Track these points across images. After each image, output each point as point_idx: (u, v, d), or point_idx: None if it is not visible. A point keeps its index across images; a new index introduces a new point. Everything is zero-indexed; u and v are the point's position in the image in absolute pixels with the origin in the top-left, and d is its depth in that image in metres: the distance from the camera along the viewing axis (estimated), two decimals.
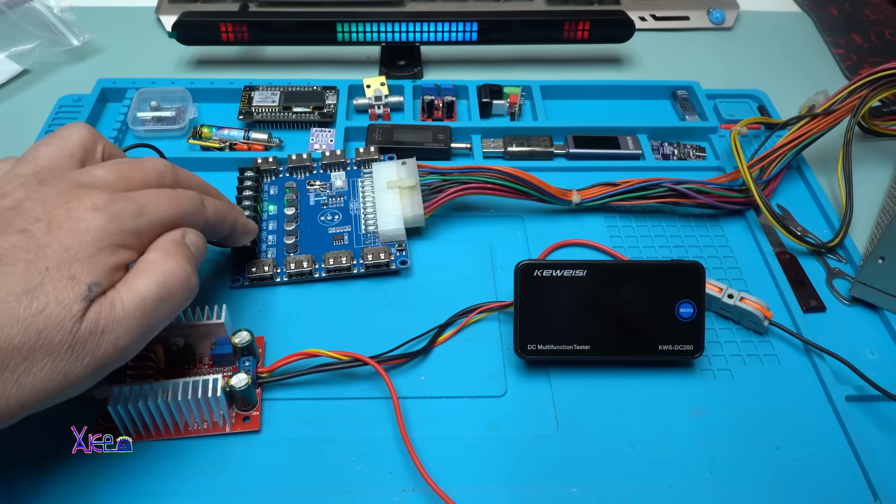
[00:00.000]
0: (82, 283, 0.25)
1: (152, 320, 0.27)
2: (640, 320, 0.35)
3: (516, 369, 0.36)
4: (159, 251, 0.28)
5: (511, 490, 0.31)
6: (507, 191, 0.41)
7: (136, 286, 0.27)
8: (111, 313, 0.26)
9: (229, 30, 0.51)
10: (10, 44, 0.54)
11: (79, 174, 0.28)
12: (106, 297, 0.26)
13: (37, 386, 0.24)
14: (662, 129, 0.49)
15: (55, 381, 0.25)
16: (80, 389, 0.26)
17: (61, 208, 0.26)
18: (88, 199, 0.27)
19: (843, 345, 0.37)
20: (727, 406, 0.35)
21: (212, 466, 0.31)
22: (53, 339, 0.24)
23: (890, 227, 0.37)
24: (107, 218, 0.26)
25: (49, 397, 0.25)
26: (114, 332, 0.26)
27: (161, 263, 0.28)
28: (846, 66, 0.58)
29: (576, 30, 0.53)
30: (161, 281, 0.27)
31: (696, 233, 0.43)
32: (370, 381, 0.35)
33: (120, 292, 0.26)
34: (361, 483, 0.31)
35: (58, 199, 0.26)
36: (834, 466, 0.33)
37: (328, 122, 0.49)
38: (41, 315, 0.24)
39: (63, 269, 0.25)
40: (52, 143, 0.30)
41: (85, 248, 0.26)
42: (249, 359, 0.33)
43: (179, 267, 0.28)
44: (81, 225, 0.26)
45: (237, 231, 0.35)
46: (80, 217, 0.26)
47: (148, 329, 0.27)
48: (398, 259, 0.39)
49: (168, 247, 0.28)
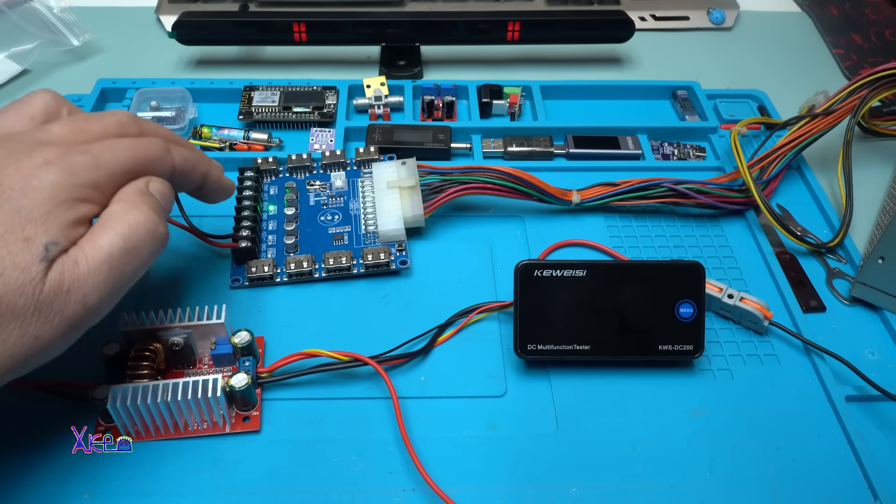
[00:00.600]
0: (38, 243, 0.24)
1: (122, 275, 0.26)
2: (640, 320, 0.35)
3: (516, 369, 0.36)
4: (122, 202, 0.27)
5: (511, 490, 0.31)
6: (507, 191, 0.41)
7: (100, 241, 0.26)
8: (75, 271, 0.25)
9: (230, 30, 0.51)
10: (10, 44, 0.54)
11: (34, 132, 0.27)
12: (68, 255, 0.25)
13: (8, 352, 0.24)
14: (662, 129, 0.49)
15: (26, 345, 0.24)
16: (55, 352, 0.26)
17: (11, 168, 0.25)
18: (40, 155, 0.25)
19: (843, 345, 0.37)
20: (727, 406, 0.35)
21: (212, 466, 0.31)
22: (17, 304, 0.24)
23: (890, 227, 0.37)
24: (60, 172, 0.25)
25: (23, 361, 0.25)
26: (81, 290, 0.25)
27: (125, 215, 0.27)
28: (846, 66, 0.58)
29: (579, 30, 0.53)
30: (126, 233, 0.26)
31: (696, 233, 0.43)
32: (370, 381, 0.35)
33: (83, 249, 0.25)
34: (361, 483, 0.31)
35: (8, 160, 0.25)
36: (834, 466, 0.33)
37: (328, 122, 0.49)
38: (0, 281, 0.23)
39: (16, 231, 0.24)
40: (11, 108, 0.29)
41: (38, 207, 0.25)
42: (249, 359, 0.33)
43: (145, 217, 0.27)
44: (34, 182, 0.25)
45: (210, 184, 0.33)
46: (30, 174, 0.25)
47: (118, 284, 0.26)
48: (398, 259, 0.39)
49: (131, 197, 0.27)
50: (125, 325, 0.33)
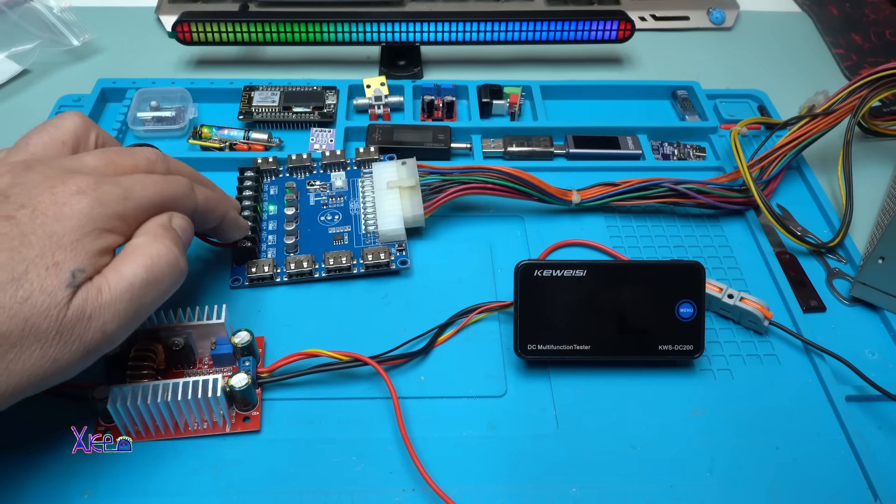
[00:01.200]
0: (66, 269, 0.25)
1: (141, 305, 0.27)
2: (640, 320, 0.35)
3: (516, 369, 0.36)
4: (147, 235, 0.28)
5: (511, 490, 0.31)
6: (507, 191, 0.41)
7: (124, 271, 0.27)
8: (98, 299, 0.26)
9: (229, 30, 0.51)
10: (10, 44, 0.54)
11: (67, 160, 0.28)
12: (93, 282, 0.26)
13: (27, 372, 0.24)
14: (662, 129, 0.49)
15: (45, 366, 0.25)
16: (70, 374, 0.26)
17: (46, 194, 0.26)
18: (73, 184, 0.26)
19: (843, 345, 0.37)
20: (727, 406, 0.35)
21: (212, 466, 0.31)
22: (40, 327, 0.24)
23: (890, 227, 0.37)
24: (91, 202, 0.26)
25: (39, 382, 0.25)
26: (101, 317, 0.26)
27: (148, 247, 0.27)
28: (846, 66, 0.58)
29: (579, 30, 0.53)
30: (148, 265, 0.27)
31: (696, 233, 0.43)
32: (370, 381, 0.35)
33: (107, 277, 0.26)
34: (361, 483, 0.31)
35: (43, 185, 0.26)
36: (834, 466, 0.33)
37: (328, 122, 0.49)
38: (27, 303, 0.24)
39: (47, 256, 0.25)
40: (43, 131, 0.29)
41: (69, 234, 0.25)
42: (249, 359, 0.33)
43: (167, 250, 0.28)
44: (66, 210, 0.26)
45: (227, 223, 0.34)
46: (64, 202, 0.26)
47: (137, 313, 0.27)
48: (398, 259, 0.39)
49: (155, 230, 0.28)
50: None
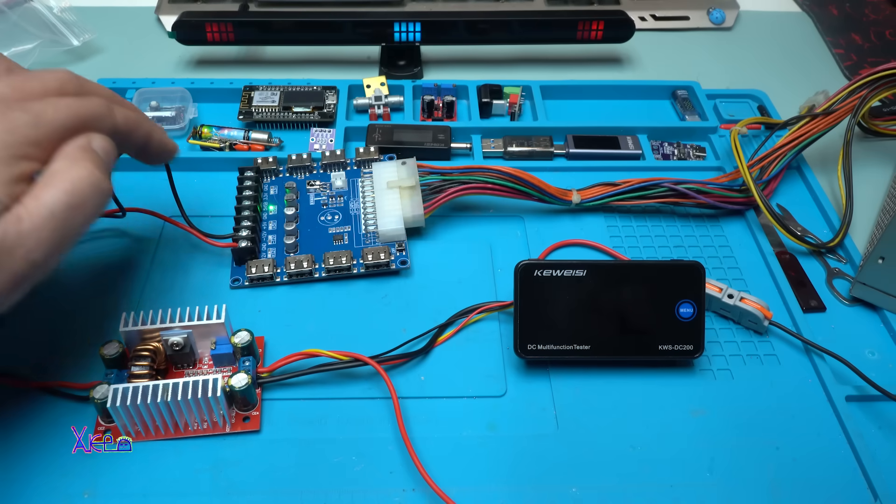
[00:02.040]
0: None
1: (66, 230, 0.26)
2: (640, 320, 0.35)
3: (516, 369, 0.36)
4: (65, 159, 0.27)
5: (511, 490, 0.31)
6: (507, 191, 0.41)
7: (43, 198, 0.26)
8: (18, 228, 0.25)
9: (229, 30, 0.51)
10: (10, 44, 0.54)
11: None
12: (11, 212, 0.25)
13: None
14: (662, 129, 0.49)
15: None
16: (4, 305, 0.26)
17: None
18: None
19: (843, 345, 0.37)
20: (727, 406, 0.35)
21: (212, 466, 0.31)
22: None
23: (890, 227, 0.37)
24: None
25: None
26: (24, 246, 0.25)
27: (68, 171, 0.27)
28: (846, 66, 0.58)
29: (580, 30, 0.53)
30: (69, 189, 0.26)
31: (696, 233, 0.43)
32: (370, 381, 0.35)
33: (26, 205, 0.25)
34: (361, 483, 0.31)
35: None
36: (834, 466, 0.33)
37: (328, 122, 0.49)
38: None
39: None
40: None
41: None
42: (249, 359, 0.33)
43: (88, 172, 0.27)
44: None
45: (153, 145, 0.33)
46: None
47: (63, 239, 0.26)
48: (398, 259, 0.39)
49: (74, 153, 0.27)
50: (125, 325, 0.33)
